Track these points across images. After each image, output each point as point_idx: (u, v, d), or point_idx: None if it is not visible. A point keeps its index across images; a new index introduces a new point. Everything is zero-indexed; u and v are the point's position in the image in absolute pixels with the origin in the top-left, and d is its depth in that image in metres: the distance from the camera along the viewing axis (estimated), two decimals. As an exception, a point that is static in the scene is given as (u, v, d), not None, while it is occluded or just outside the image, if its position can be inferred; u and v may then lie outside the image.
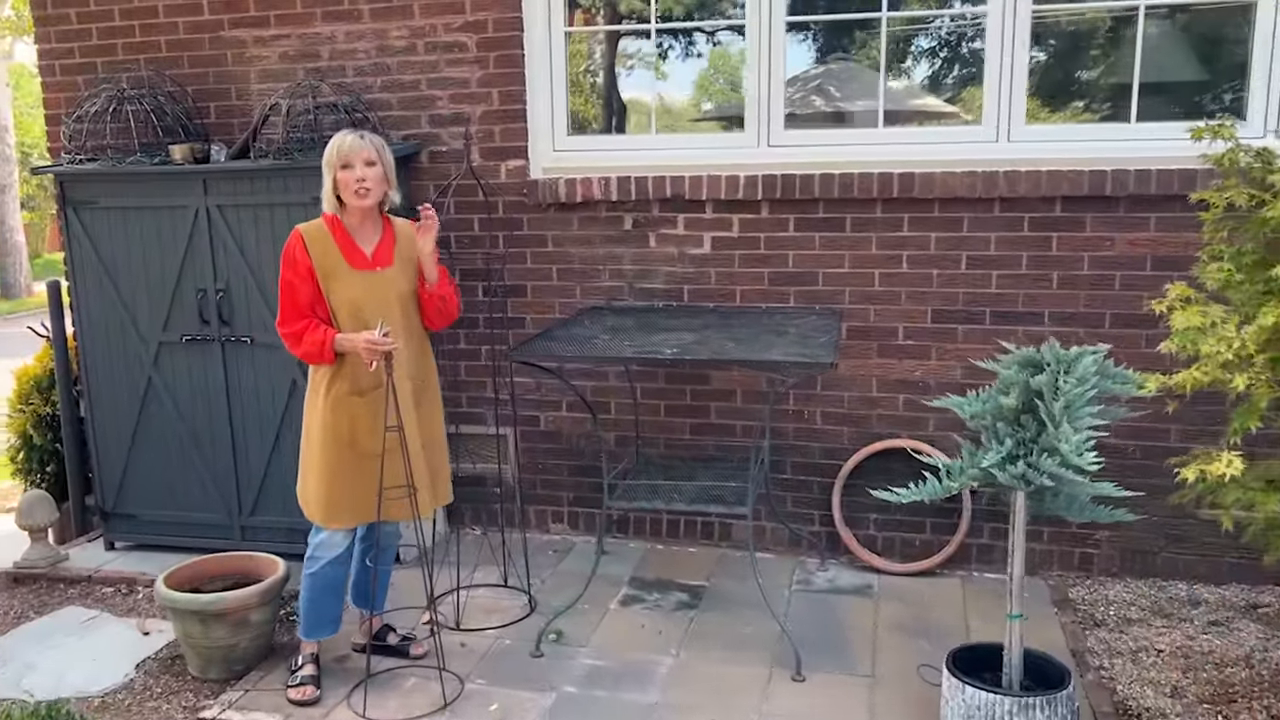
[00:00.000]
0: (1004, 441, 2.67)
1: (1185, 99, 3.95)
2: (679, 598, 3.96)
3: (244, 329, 4.24)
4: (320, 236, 3.16)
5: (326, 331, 3.12)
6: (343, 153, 3.11)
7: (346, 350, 3.13)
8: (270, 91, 4.51)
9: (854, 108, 6.35)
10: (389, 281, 3.21)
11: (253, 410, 4.29)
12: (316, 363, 3.17)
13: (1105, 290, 3.91)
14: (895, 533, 4.25)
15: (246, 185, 4.12)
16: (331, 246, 3.16)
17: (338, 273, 3.15)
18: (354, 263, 3.17)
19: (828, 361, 3.16)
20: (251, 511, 4.38)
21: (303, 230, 3.17)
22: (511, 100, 4.32)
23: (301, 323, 3.15)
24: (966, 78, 4.43)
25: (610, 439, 4.47)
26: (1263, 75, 3.74)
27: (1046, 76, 4.00)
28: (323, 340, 3.10)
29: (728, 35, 5.65)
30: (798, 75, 4.79)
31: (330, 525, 3.23)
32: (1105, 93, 4.02)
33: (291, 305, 3.14)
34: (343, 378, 3.18)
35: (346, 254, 3.17)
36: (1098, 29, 4.02)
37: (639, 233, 4.30)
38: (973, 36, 4.22)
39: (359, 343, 3.07)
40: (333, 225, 3.19)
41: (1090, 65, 4.04)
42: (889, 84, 6.14)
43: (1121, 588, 3.99)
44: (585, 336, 3.69)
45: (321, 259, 3.14)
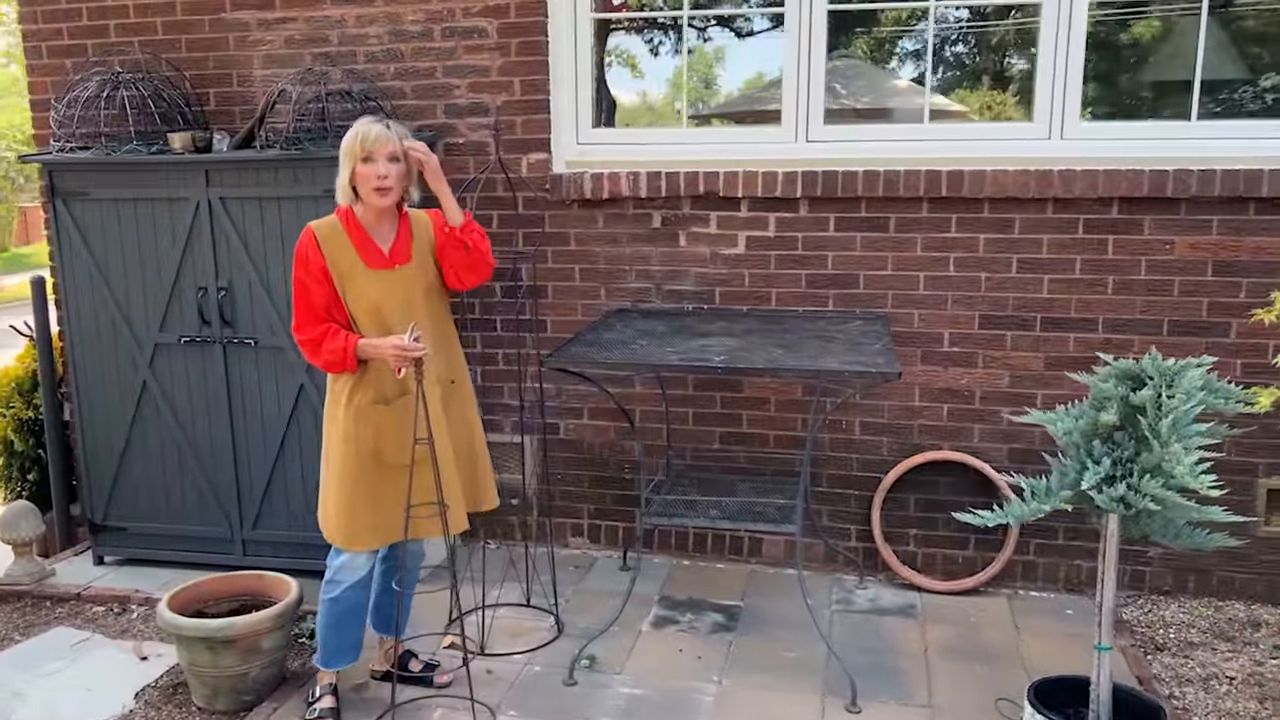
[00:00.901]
0: (1100, 461, 2.46)
1: (1244, 96, 3.77)
2: (714, 619, 3.74)
3: (247, 330, 3.97)
4: (334, 234, 2.91)
5: (348, 337, 2.87)
6: (366, 144, 2.85)
7: (370, 357, 2.88)
8: (275, 78, 4.24)
9: (859, 105, 6.16)
10: (409, 279, 2.97)
11: (256, 416, 4.02)
12: (338, 371, 2.92)
13: (1163, 296, 3.72)
14: (937, 549, 4.04)
15: (252, 176, 3.85)
16: (346, 245, 2.90)
17: (354, 273, 2.90)
18: (371, 262, 2.92)
19: (894, 372, 2.94)
20: (254, 524, 4.11)
21: (315, 228, 2.91)
22: (534, 90, 4.08)
23: (319, 328, 2.89)
24: (975, 74, 4.25)
25: (634, 449, 4.24)
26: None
27: (1100, 71, 3.80)
28: (344, 347, 2.85)
29: (715, 30, 5.43)
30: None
31: (352, 547, 2.98)
32: (1162, 90, 3.83)
33: (306, 309, 2.89)
34: (366, 386, 2.92)
35: (363, 252, 2.91)
36: (1157, 23, 3.83)
37: (668, 231, 4.07)
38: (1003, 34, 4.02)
39: (385, 349, 2.82)
40: (347, 221, 2.93)
41: (1147, 60, 3.85)
42: (893, 82, 5.96)
43: (1176, 608, 3.81)
44: (620, 341, 3.46)
45: (336, 259, 2.88)
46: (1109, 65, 3.83)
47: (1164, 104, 3.83)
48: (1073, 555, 3.94)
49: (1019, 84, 4.05)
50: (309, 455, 3.99)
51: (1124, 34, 3.84)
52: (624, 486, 4.28)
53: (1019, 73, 3.98)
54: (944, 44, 4.72)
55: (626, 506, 4.29)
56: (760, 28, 5.16)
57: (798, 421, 4.07)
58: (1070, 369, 3.82)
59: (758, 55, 4.19)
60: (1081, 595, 3.92)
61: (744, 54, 4.74)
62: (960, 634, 3.62)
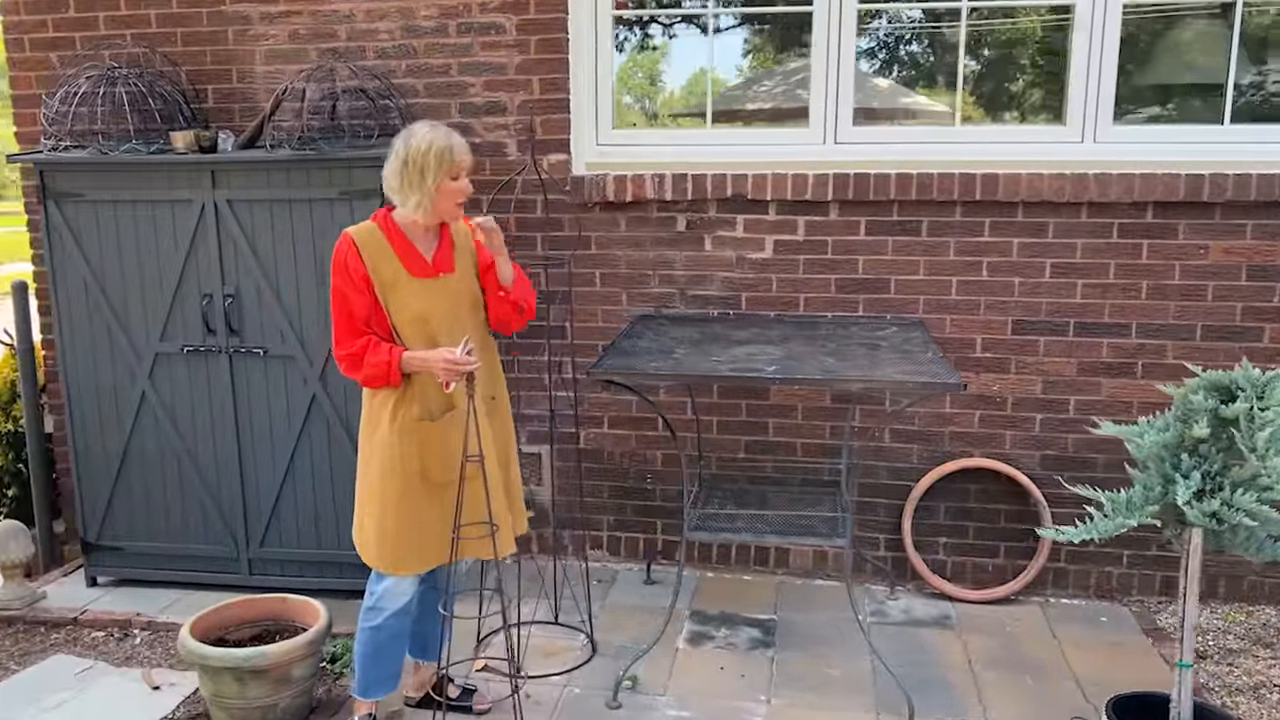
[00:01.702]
0: (1189, 475, 2.40)
1: (1273, 100, 3.76)
2: (750, 634, 3.64)
3: (255, 339, 3.78)
4: (374, 242, 2.75)
5: (392, 350, 2.71)
6: (457, 159, 2.73)
7: (417, 370, 2.73)
8: (279, 75, 4.06)
9: (802, 103, 6.08)
10: (454, 289, 2.82)
11: (264, 429, 3.84)
12: (380, 386, 2.76)
13: (1197, 301, 3.70)
14: (967, 557, 3.99)
15: (262, 178, 3.67)
16: (388, 252, 2.75)
17: (398, 282, 2.74)
18: (415, 270, 2.77)
19: (956, 383, 2.86)
20: (261, 542, 3.93)
21: (354, 235, 2.75)
22: (554, 89, 3.94)
23: (360, 341, 2.73)
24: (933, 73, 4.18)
25: (658, 458, 4.13)
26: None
27: (1130, 74, 3.77)
28: (389, 361, 2.69)
29: (682, 28, 5.28)
30: (776, 69, 4.51)
31: (398, 571, 2.82)
32: (1193, 93, 3.81)
33: (347, 321, 2.73)
34: (411, 401, 2.77)
35: (405, 260, 2.76)
36: (1188, 23, 3.80)
37: (693, 235, 3.96)
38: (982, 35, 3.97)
39: (435, 362, 2.67)
40: (387, 228, 2.78)
41: (1178, 62, 3.82)
42: (876, 81, 5.88)
43: (1209, 614, 3.79)
44: (659, 350, 3.34)
45: (378, 266, 2.73)
46: (1137, 67, 3.79)
47: (1193, 107, 3.79)
48: (1103, 562, 3.91)
49: (1004, 84, 4.00)
50: (321, 470, 3.82)
51: (1153, 35, 3.80)
52: (645, 497, 4.16)
53: (1005, 72, 3.92)
54: (900, 42, 4.60)
55: (648, 518, 4.18)
56: (726, 24, 5.03)
57: (825, 429, 3.99)
58: (1104, 375, 3.79)
59: (709, 52, 4.12)
60: (1113, 602, 3.89)
61: (697, 51, 4.60)
62: (1001, 645, 3.56)
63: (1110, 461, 3.83)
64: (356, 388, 3.70)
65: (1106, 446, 3.82)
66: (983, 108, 4.08)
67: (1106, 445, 3.82)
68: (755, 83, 4.90)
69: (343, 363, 2.73)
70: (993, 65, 4.00)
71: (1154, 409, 3.77)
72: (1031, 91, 4.08)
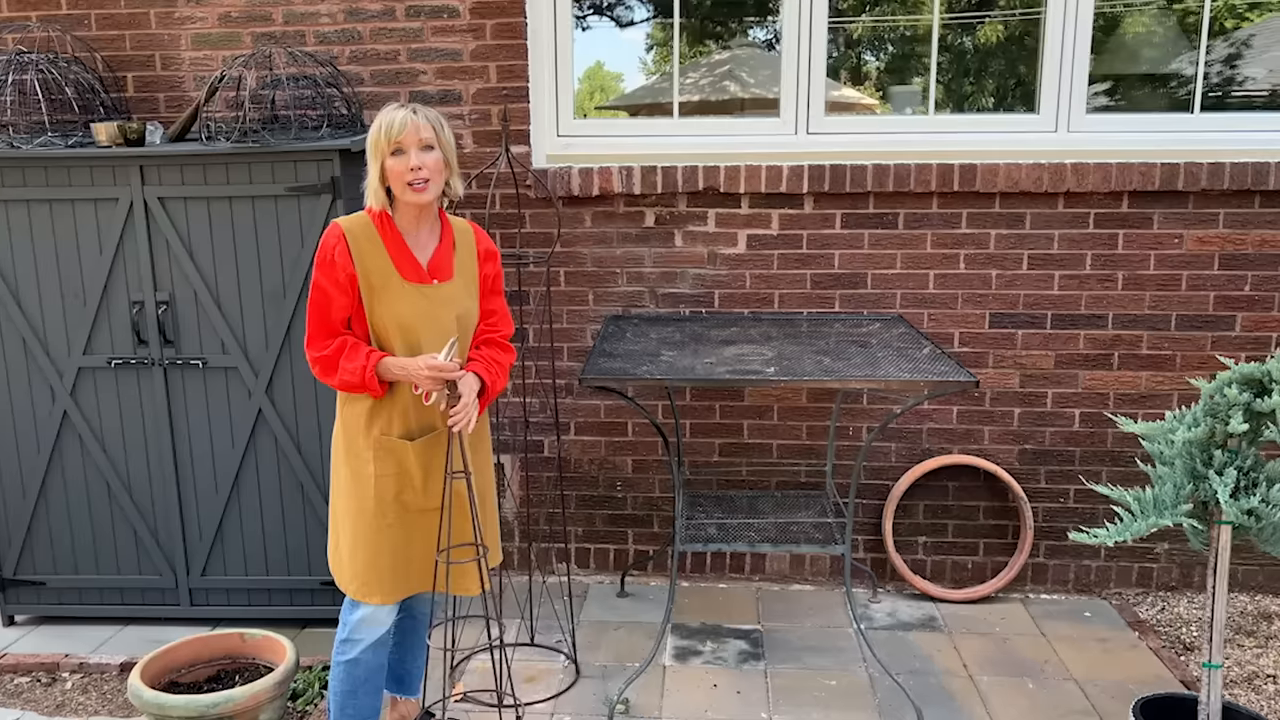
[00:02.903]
0: (1222, 472, 2.33)
1: (1244, 88, 3.76)
2: (738, 646, 3.48)
3: (193, 349, 3.46)
4: (366, 236, 2.49)
5: (370, 355, 2.46)
6: (392, 134, 2.44)
7: (396, 378, 2.48)
8: (209, 61, 3.73)
9: (771, 95, 6.01)
10: (449, 299, 2.57)
11: (205, 448, 3.52)
12: (355, 392, 2.50)
13: (1172, 291, 3.68)
14: (946, 556, 3.91)
15: (198, 173, 3.35)
16: (380, 250, 2.50)
17: (387, 285, 2.49)
18: (407, 274, 2.52)
19: (972, 380, 2.75)
20: (203, 570, 3.61)
21: (345, 227, 2.49)
22: (512, 76, 3.71)
23: (335, 343, 2.48)
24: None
25: (627, 465, 3.94)
26: (1328, 65, 3.59)
27: (1101, 63, 3.73)
28: (365, 366, 2.43)
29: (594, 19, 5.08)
30: (701, 61, 4.37)
31: (373, 599, 2.57)
32: (1162, 82, 3.79)
33: (322, 320, 2.47)
34: (391, 416, 2.52)
35: (398, 261, 2.51)
36: (1156, 13, 3.78)
37: (663, 230, 3.78)
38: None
39: (417, 369, 2.43)
40: (382, 224, 2.52)
41: (1148, 52, 3.80)
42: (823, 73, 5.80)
43: (1186, 603, 3.79)
44: (645, 353, 3.15)
45: (367, 265, 2.47)
46: (1108, 57, 3.76)
47: (1162, 96, 3.78)
48: (1082, 556, 3.87)
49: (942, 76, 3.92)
50: (269, 489, 3.52)
51: (1123, 25, 3.78)
52: (615, 506, 3.97)
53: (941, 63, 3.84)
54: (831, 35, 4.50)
55: (618, 527, 3.99)
56: (641, 16, 4.85)
57: (802, 430, 3.86)
58: (1081, 367, 3.74)
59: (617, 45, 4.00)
60: (1093, 596, 3.86)
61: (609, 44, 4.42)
62: (993, 646, 3.48)
63: (1087, 454, 3.80)
64: (308, 399, 3.45)
65: (1082, 439, 3.79)
66: (951, 98, 3.99)
67: (1082, 438, 3.79)
68: (681, 76, 4.74)
69: (315, 366, 2.46)
70: (960, 56, 3.92)
71: (1129, 401, 3.75)
72: (1000, 81, 4.01)
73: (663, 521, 3.96)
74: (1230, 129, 3.63)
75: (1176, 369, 3.72)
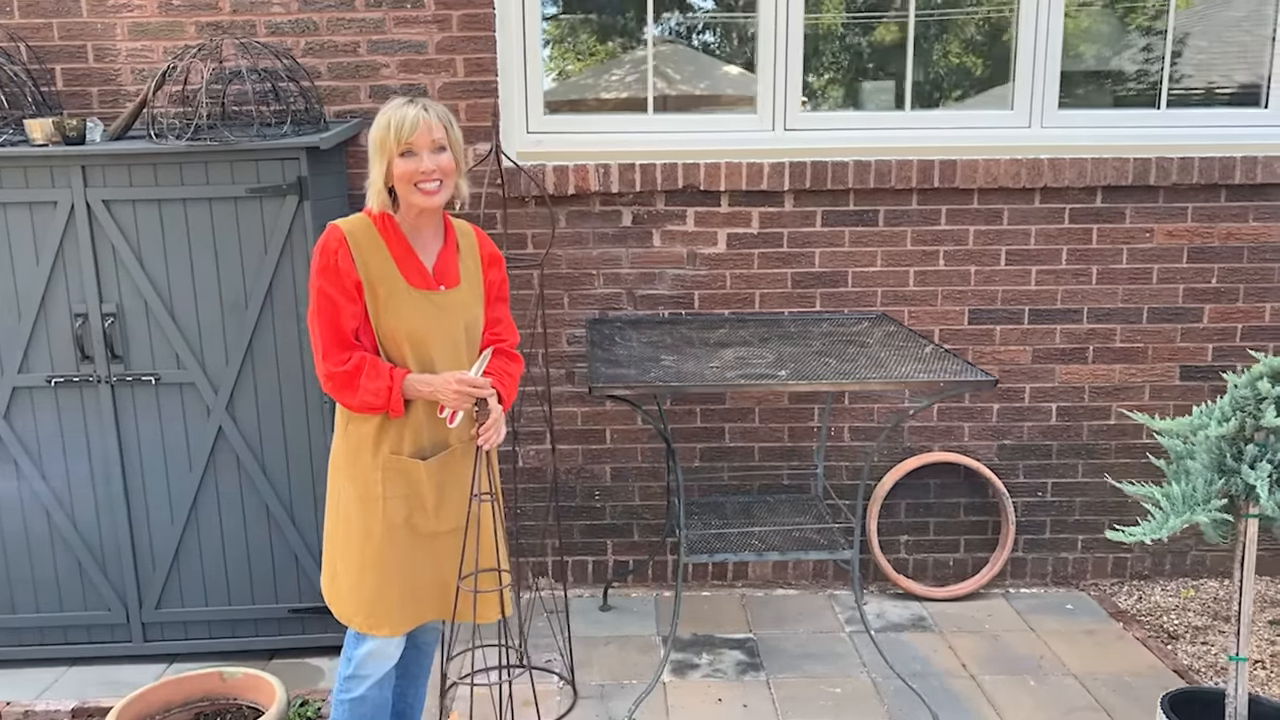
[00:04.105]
0: (1255, 465, 2.33)
1: (1204, 85, 3.83)
2: (734, 657, 3.39)
3: (144, 364, 3.19)
4: (368, 239, 2.30)
5: (394, 372, 2.28)
6: (402, 134, 2.25)
7: (422, 396, 2.30)
8: (148, 52, 3.46)
9: (698, 91, 5.95)
10: (457, 306, 2.40)
11: (158, 471, 3.26)
12: (374, 413, 2.31)
13: (1143, 284, 3.73)
14: (928, 554, 3.89)
15: (148, 173, 3.09)
16: (384, 255, 2.31)
17: (393, 293, 2.30)
18: (413, 280, 2.34)
19: (991, 379, 2.71)
20: (158, 603, 3.34)
21: (346, 229, 2.29)
22: (480, 70, 3.54)
23: (353, 357, 2.27)
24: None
25: (606, 473, 3.81)
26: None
27: (1071, 60, 3.75)
28: (390, 386, 2.25)
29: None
30: (625, 57, 4.27)
31: (381, 632, 2.38)
32: (1129, 79, 3.83)
33: (334, 333, 2.27)
34: (400, 433, 2.34)
35: (403, 267, 2.33)
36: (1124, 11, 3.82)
37: (641, 230, 3.66)
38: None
39: (444, 386, 2.27)
40: (384, 226, 2.34)
41: (1116, 49, 3.84)
42: (725, 69, 5.75)
43: (1161, 592, 3.85)
44: (644, 358, 3.03)
45: (371, 271, 2.29)
46: (1077, 53, 3.78)
47: (1130, 93, 3.82)
48: (1059, 549, 3.90)
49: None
50: (231, 513, 3.28)
51: (1092, 21, 3.81)
52: (594, 516, 3.83)
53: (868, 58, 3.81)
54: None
55: (598, 538, 3.85)
56: (550, 12, 4.66)
57: (784, 432, 3.78)
58: (1057, 361, 3.77)
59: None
60: (1071, 588, 3.89)
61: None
62: (987, 644, 3.47)
63: (1063, 448, 3.83)
64: (273, 416, 3.22)
65: (1059, 433, 3.81)
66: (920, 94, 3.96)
67: (1058, 432, 3.81)
68: (604, 72, 4.63)
69: (330, 381, 2.25)
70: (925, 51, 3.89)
71: (1103, 394, 3.79)
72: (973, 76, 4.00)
73: (643, 530, 3.84)
74: (1195, 124, 3.69)
75: (1148, 361, 3.77)
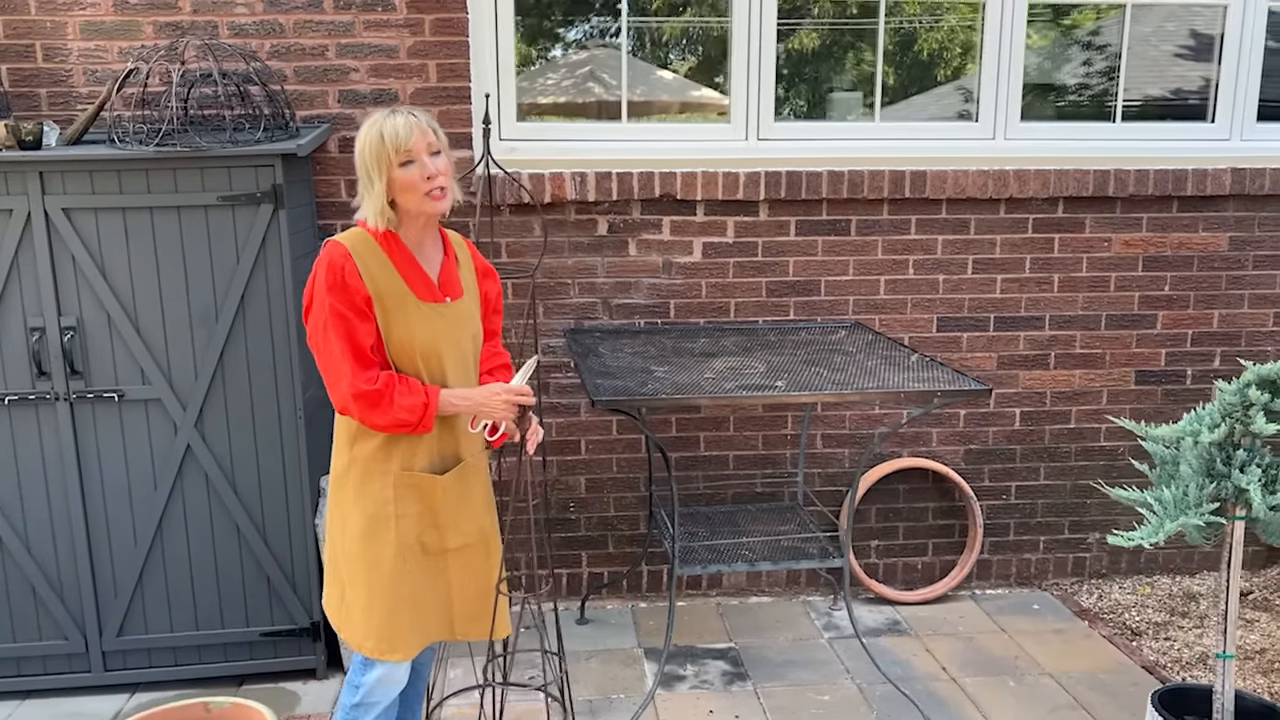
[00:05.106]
0: (1245, 469, 2.41)
1: (1156, 99, 3.97)
2: (719, 667, 3.38)
3: (106, 380, 3.04)
4: (372, 254, 2.23)
5: (428, 390, 2.21)
6: (401, 144, 2.19)
7: (460, 411, 2.27)
8: (102, 53, 3.30)
9: (636, 97, 5.97)
10: (464, 317, 2.35)
11: (121, 492, 3.11)
12: (405, 432, 2.22)
13: (1101, 292, 3.85)
14: (898, 558, 3.95)
15: (112, 180, 2.94)
16: (389, 270, 2.24)
17: (403, 307, 2.24)
18: (421, 293, 2.27)
19: (985, 388, 2.76)
20: (119, 630, 3.18)
21: (350, 245, 2.21)
22: (454, 76, 3.47)
23: (382, 376, 2.19)
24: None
25: (580, 484, 3.76)
26: (1230, 76, 3.84)
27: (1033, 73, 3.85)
28: (426, 403, 2.19)
29: None
30: (557, 61, 4.27)
31: (393, 657, 2.31)
32: (1086, 93, 3.95)
33: (357, 350, 2.18)
34: (413, 447, 2.27)
35: (411, 280, 2.26)
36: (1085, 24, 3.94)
37: (616, 239, 3.63)
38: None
39: (494, 399, 2.25)
40: (387, 241, 2.26)
41: (1075, 62, 3.95)
42: (658, 74, 5.78)
43: (1119, 590, 3.97)
44: (636, 369, 3.00)
45: (380, 288, 2.21)
46: (1039, 68, 3.88)
47: (1087, 107, 3.94)
48: (1022, 550, 4.00)
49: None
50: (199, 534, 3.15)
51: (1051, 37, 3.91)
52: (569, 528, 3.79)
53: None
54: (686, 36, 4.44)
55: (572, 550, 3.81)
56: None
57: (758, 439, 3.80)
58: (1021, 367, 3.86)
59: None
60: (1034, 588, 3.99)
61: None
62: (963, 646, 3.53)
63: (1026, 451, 3.92)
64: (245, 432, 3.11)
65: (1022, 437, 3.91)
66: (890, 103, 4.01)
67: (1022, 436, 3.90)
68: (539, 75, 4.61)
69: (359, 402, 2.16)
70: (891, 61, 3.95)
71: (1064, 399, 3.89)
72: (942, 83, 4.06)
73: (619, 541, 3.81)
74: (1148, 138, 3.82)
75: (1106, 366, 3.89)
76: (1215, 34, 3.86)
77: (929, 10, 3.82)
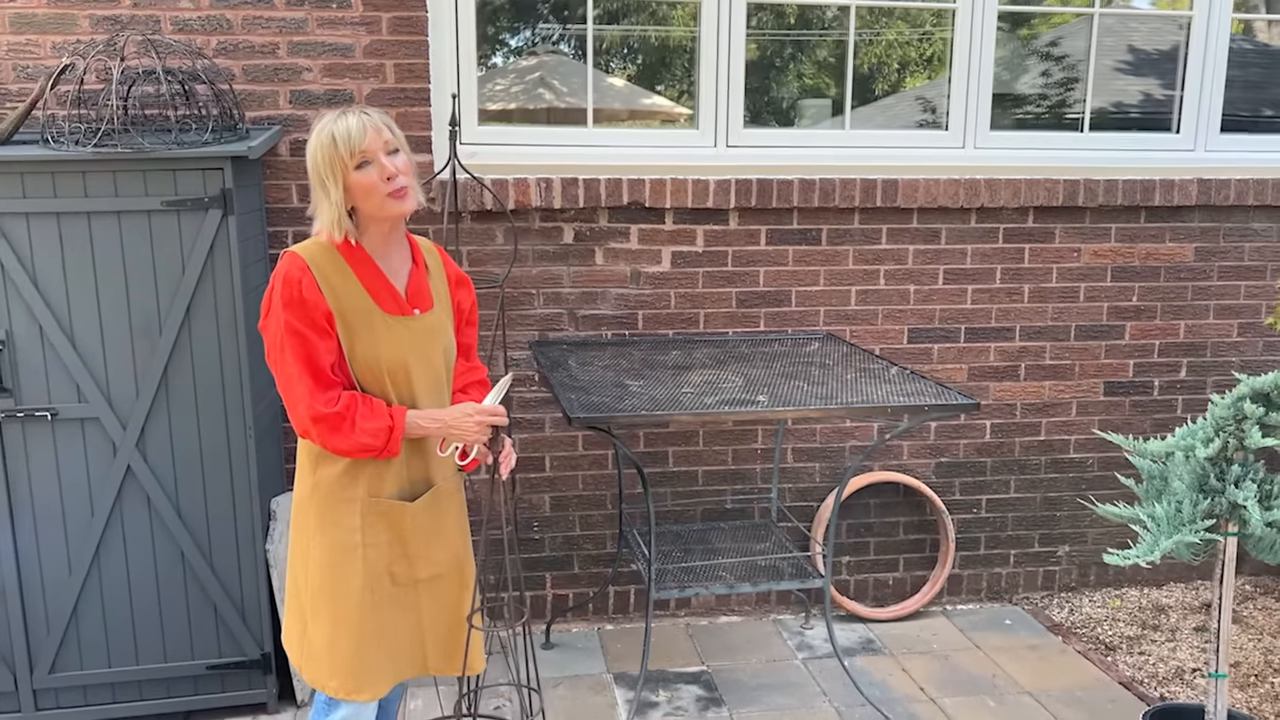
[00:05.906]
0: (1240, 484, 2.36)
1: (1121, 109, 3.97)
2: (693, 692, 3.26)
3: (38, 397, 2.83)
4: (334, 266, 2.07)
5: (393, 411, 2.05)
6: (354, 145, 2.02)
7: (428, 434, 2.11)
8: (33, 48, 3.09)
9: (583, 104, 5.87)
10: (434, 331, 2.20)
11: (54, 518, 2.89)
12: (368, 455, 2.06)
13: (1071, 302, 3.82)
14: (869, 574, 3.87)
15: (45, 184, 2.74)
16: (351, 282, 2.08)
17: (368, 322, 2.08)
18: (387, 306, 2.12)
19: (973, 403, 2.68)
20: (51, 667, 2.96)
21: (308, 257, 2.05)
22: (412, 77, 3.31)
23: (344, 397, 2.03)
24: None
25: (545, 503, 3.62)
26: (1195, 87, 3.84)
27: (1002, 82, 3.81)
28: (391, 426, 2.03)
29: None
30: (508, 66, 4.16)
31: (360, 697, 2.15)
32: (1055, 101, 3.93)
33: (316, 370, 2.02)
34: (381, 472, 2.12)
35: (375, 292, 2.11)
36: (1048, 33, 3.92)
37: (583, 247, 3.50)
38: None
39: (466, 420, 2.10)
40: (349, 250, 2.11)
41: (1042, 72, 3.93)
42: (609, 81, 5.68)
43: (1089, 603, 3.94)
44: (608, 383, 2.88)
45: (341, 302, 2.05)
46: (1007, 76, 3.85)
47: (1055, 116, 3.91)
48: (993, 564, 3.95)
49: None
50: (140, 563, 2.95)
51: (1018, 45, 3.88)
52: (532, 549, 3.64)
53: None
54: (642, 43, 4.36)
55: (536, 572, 3.66)
56: None
57: (728, 454, 3.69)
58: (991, 379, 3.81)
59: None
60: (1004, 603, 3.94)
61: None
62: (939, 665, 3.45)
63: (996, 464, 3.87)
64: (190, 452, 2.92)
65: (992, 450, 3.86)
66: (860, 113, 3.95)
67: (992, 449, 3.85)
68: (488, 80, 4.49)
69: (319, 425, 2.00)
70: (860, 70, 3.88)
71: (1034, 410, 3.86)
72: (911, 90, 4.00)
73: (584, 562, 3.67)
74: (1116, 147, 3.81)
75: (1075, 377, 3.86)
76: (1180, 44, 3.86)
77: (899, 19, 3.76)
